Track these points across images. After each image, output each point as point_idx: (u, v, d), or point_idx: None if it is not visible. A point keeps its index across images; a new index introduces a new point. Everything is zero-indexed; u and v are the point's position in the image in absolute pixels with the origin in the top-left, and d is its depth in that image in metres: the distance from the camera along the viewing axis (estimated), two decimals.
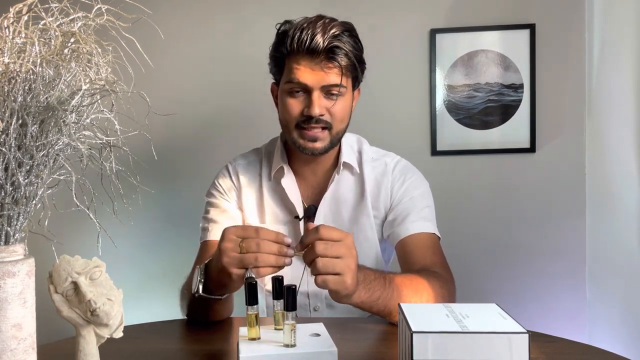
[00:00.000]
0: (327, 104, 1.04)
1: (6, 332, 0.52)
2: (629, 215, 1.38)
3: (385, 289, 0.88)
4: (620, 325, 1.45)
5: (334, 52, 1.01)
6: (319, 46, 1.00)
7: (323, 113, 1.04)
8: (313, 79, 1.02)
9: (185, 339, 0.96)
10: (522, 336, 0.56)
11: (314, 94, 1.03)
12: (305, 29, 1.01)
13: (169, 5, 1.76)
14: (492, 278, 1.70)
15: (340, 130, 1.09)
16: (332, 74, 1.02)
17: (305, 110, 1.04)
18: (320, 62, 1.02)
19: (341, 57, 1.02)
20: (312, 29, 1.01)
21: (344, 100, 1.07)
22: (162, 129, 1.72)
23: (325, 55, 1.01)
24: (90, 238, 1.23)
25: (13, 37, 0.55)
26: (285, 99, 1.06)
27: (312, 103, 1.03)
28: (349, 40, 1.03)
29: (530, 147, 1.67)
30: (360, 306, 0.87)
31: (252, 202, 1.17)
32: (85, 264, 0.60)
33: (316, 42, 1.00)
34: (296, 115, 1.05)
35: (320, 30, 1.01)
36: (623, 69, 1.41)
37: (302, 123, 1.05)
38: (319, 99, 1.03)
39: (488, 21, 1.67)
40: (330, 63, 1.02)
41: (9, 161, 0.53)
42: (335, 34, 1.01)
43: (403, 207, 1.12)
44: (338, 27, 1.02)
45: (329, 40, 1.00)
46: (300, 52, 1.02)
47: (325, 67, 1.02)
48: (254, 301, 0.76)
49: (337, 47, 1.01)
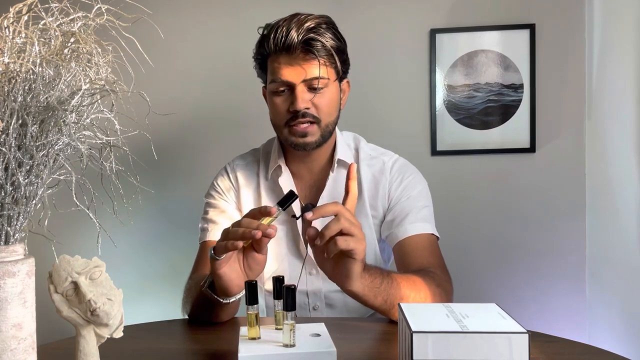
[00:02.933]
0: (310, 97, 1.05)
1: (6, 332, 0.52)
2: (629, 215, 1.38)
3: (385, 278, 0.89)
4: (620, 325, 1.45)
5: (310, 45, 1.03)
6: (294, 41, 1.02)
7: (308, 107, 1.05)
8: (293, 74, 1.04)
9: (185, 339, 0.96)
10: (522, 336, 0.56)
11: (297, 89, 1.04)
12: (280, 27, 1.03)
13: (169, 5, 1.76)
14: (492, 278, 1.70)
15: (330, 122, 1.09)
16: (311, 67, 1.03)
17: (290, 107, 1.05)
18: (297, 57, 1.03)
19: (318, 49, 1.03)
20: (287, 25, 1.03)
21: (329, 92, 1.07)
22: (162, 129, 1.72)
23: (302, 49, 1.03)
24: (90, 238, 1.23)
25: (13, 37, 0.55)
26: (272, 99, 1.08)
27: (296, 98, 1.04)
28: (325, 32, 1.04)
29: (530, 147, 1.67)
30: (364, 294, 0.87)
31: (250, 202, 1.17)
32: (85, 264, 0.60)
33: (291, 37, 1.02)
34: (283, 113, 1.07)
35: (295, 26, 1.02)
36: (623, 69, 1.41)
37: (290, 121, 1.06)
38: (302, 93, 1.04)
39: (488, 21, 1.67)
40: (308, 56, 1.03)
41: (9, 161, 0.53)
42: (310, 27, 1.03)
43: (401, 207, 1.12)
44: (313, 21, 1.04)
45: (304, 34, 1.02)
46: (277, 50, 1.04)
47: (303, 60, 1.03)
48: (254, 301, 0.77)
49: (312, 39, 1.02)
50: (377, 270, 0.90)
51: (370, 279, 0.87)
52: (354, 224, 0.81)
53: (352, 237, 0.80)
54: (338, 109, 1.11)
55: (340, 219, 0.80)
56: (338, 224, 0.79)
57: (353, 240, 0.80)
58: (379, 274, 0.89)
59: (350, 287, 0.85)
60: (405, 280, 0.92)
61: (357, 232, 0.81)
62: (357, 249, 0.80)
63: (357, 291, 0.86)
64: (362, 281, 0.85)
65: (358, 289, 0.85)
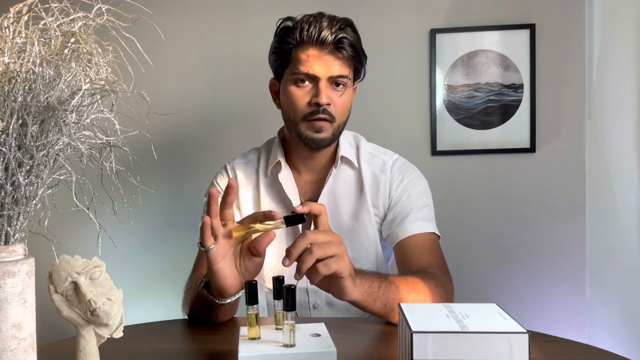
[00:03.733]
0: (333, 94, 1.07)
1: (6, 332, 0.52)
2: (629, 215, 1.38)
3: (382, 282, 0.89)
4: (620, 325, 1.45)
5: (342, 43, 1.05)
6: (328, 37, 1.04)
7: (330, 102, 1.06)
8: (321, 69, 1.05)
9: (185, 339, 0.96)
10: (522, 336, 0.56)
11: (321, 83, 1.05)
12: (312, 23, 1.05)
13: (169, 5, 1.76)
14: (492, 278, 1.70)
15: (341, 123, 1.11)
16: (339, 65, 1.06)
17: (312, 100, 1.06)
18: (328, 53, 1.05)
19: (348, 49, 1.06)
20: (319, 22, 1.05)
21: (348, 93, 1.10)
22: (162, 129, 1.72)
23: (334, 46, 1.05)
24: (90, 238, 1.23)
25: (13, 37, 0.55)
26: (291, 90, 1.08)
27: (320, 92, 1.05)
28: (353, 34, 1.08)
29: (530, 147, 1.67)
30: (363, 300, 0.87)
31: (249, 200, 1.17)
32: (85, 264, 0.60)
33: (324, 33, 1.04)
34: (303, 106, 1.07)
35: (327, 23, 1.05)
36: (623, 69, 1.41)
37: (309, 115, 1.07)
38: (326, 88, 1.06)
39: (488, 21, 1.67)
40: (339, 53, 1.06)
41: (9, 161, 0.53)
42: (341, 27, 1.06)
43: (402, 206, 1.12)
44: (342, 22, 1.07)
45: (336, 33, 1.05)
46: (309, 43, 1.05)
47: (334, 57, 1.05)
48: (254, 301, 0.77)
49: (345, 38, 1.05)
50: (373, 275, 0.90)
51: (367, 284, 0.87)
52: (329, 243, 0.80)
53: (331, 258, 0.80)
54: (349, 112, 1.13)
55: (312, 250, 0.79)
56: (311, 256, 0.78)
57: (333, 261, 0.80)
58: (376, 279, 0.89)
59: (348, 298, 0.85)
60: (404, 283, 0.92)
61: (334, 251, 0.80)
62: (339, 267, 0.80)
63: (356, 299, 0.86)
64: (360, 289, 0.86)
65: (357, 297, 0.86)
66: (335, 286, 0.84)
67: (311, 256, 0.78)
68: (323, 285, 0.85)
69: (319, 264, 0.79)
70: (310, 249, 0.79)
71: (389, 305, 0.89)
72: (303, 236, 0.80)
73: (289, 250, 0.80)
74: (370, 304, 0.88)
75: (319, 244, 0.80)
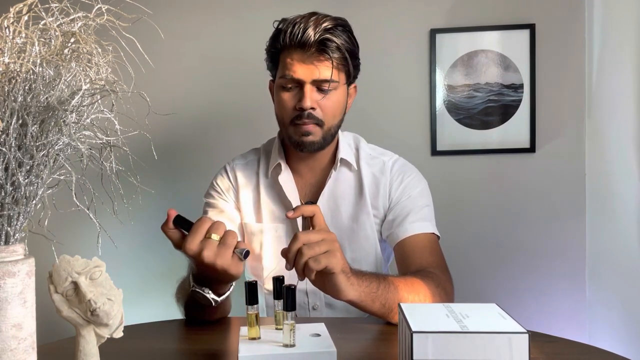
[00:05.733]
0: (318, 97, 1.05)
1: (6, 332, 0.52)
2: (629, 215, 1.38)
3: (381, 282, 0.89)
4: (620, 325, 1.45)
5: (325, 45, 1.02)
6: (310, 39, 1.01)
7: (314, 107, 1.05)
8: (304, 72, 1.03)
9: (185, 339, 0.96)
10: (522, 336, 0.56)
11: (306, 87, 1.04)
12: (297, 24, 1.03)
13: (169, 5, 1.76)
14: (492, 278, 1.70)
15: (332, 126, 1.09)
16: (323, 68, 1.03)
17: (297, 104, 1.05)
18: (311, 56, 1.03)
19: (332, 50, 1.03)
20: (305, 23, 1.02)
21: (337, 95, 1.07)
22: (162, 129, 1.72)
23: (317, 48, 1.02)
24: (90, 238, 1.23)
25: (13, 37, 0.55)
26: (280, 94, 1.07)
27: (304, 96, 1.04)
28: (341, 34, 1.04)
29: (530, 147, 1.67)
30: (361, 300, 0.87)
31: (249, 201, 1.17)
32: (85, 264, 0.60)
33: (307, 35, 1.01)
34: (289, 110, 1.06)
35: (312, 24, 1.02)
36: (623, 69, 1.41)
37: (295, 119, 1.06)
38: (311, 92, 1.04)
39: (488, 21, 1.67)
40: (322, 56, 1.03)
41: (9, 161, 0.53)
42: (327, 28, 1.02)
43: (402, 207, 1.12)
44: (330, 22, 1.03)
45: (320, 34, 1.02)
46: (292, 46, 1.03)
47: (317, 60, 1.03)
48: (254, 301, 0.77)
49: (329, 39, 1.02)
50: (372, 275, 0.90)
51: (365, 284, 0.87)
52: (320, 242, 0.81)
53: (323, 255, 0.80)
54: (343, 113, 1.11)
55: (302, 251, 0.80)
56: (302, 257, 0.80)
57: (324, 257, 0.80)
58: (374, 279, 0.89)
59: (345, 298, 0.85)
60: (403, 283, 0.92)
61: (324, 248, 0.81)
62: (330, 263, 0.80)
63: (354, 299, 0.86)
64: (357, 288, 0.86)
65: (354, 297, 0.86)
66: (330, 284, 0.84)
67: (302, 257, 0.80)
68: (319, 285, 0.85)
69: (309, 259, 0.80)
70: (300, 249, 0.80)
71: (388, 305, 0.89)
72: (295, 238, 0.81)
73: (284, 254, 0.82)
74: (369, 304, 0.88)
75: (310, 244, 0.80)
